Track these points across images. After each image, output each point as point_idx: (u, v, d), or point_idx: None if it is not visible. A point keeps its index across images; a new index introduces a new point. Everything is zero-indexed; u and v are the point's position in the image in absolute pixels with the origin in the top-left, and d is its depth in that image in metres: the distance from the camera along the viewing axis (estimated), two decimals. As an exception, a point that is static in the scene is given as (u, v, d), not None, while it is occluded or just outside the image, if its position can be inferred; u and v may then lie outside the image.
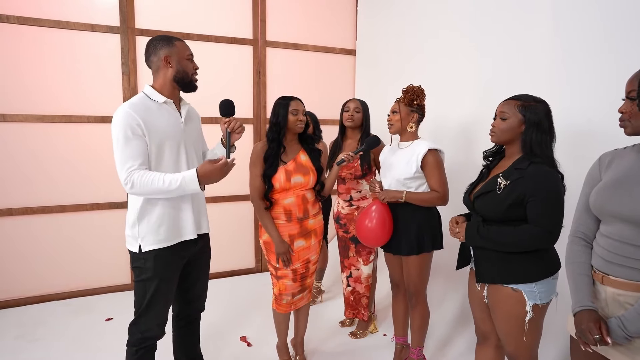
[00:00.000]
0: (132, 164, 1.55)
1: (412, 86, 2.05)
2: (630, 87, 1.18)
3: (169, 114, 1.68)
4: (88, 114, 3.12)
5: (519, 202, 1.45)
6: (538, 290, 1.47)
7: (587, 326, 1.18)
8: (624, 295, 1.18)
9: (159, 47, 1.66)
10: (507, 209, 1.46)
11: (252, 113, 3.66)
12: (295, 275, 2.15)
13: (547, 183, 1.42)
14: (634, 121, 1.16)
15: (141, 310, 1.68)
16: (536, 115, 1.47)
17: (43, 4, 2.92)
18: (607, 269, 1.21)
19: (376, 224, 2.03)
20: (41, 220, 3.07)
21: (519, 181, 1.45)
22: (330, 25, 3.89)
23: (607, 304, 1.22)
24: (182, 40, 1.72)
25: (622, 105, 1.20)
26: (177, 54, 1.66)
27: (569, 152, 1.98)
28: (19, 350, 2.48)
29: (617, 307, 1.20)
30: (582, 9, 1.99)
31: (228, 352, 2.48)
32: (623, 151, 1.27)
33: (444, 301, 2.78)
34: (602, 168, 1.28)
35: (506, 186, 1.47)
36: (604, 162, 1.29)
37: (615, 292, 1.20)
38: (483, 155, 1.71)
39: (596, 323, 1.17)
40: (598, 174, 1.29)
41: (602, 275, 1.23)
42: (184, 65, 1.68)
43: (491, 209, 1.52)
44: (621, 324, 1.14)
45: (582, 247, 1.31)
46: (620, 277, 1.18)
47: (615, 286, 1.20)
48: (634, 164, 1.19)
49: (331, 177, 2.22)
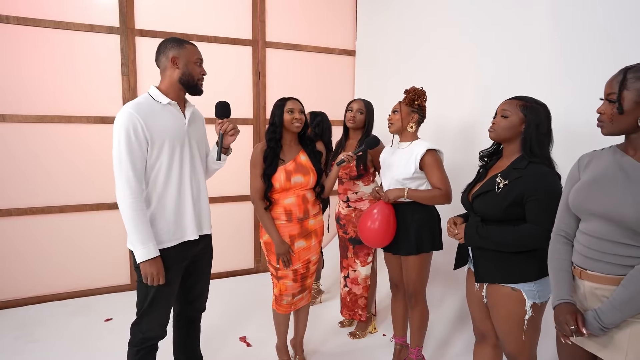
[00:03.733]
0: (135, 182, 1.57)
1: (414, 87, 2.07)
2: (610, 89, 1.20)
3: (172, 115, 1.68)
4: (88, 114, 3.12)
5: (518, 202, 1.46)
6: (537, 289, 1.50)
7: (564, 318, 1.23)
8: (601, 289, 1.22)
9: (168, 47, 1.66)
10: (506, 208, 1.48)
11: (251, 114, 3.66)
12: (296, 275, 2.15)
13: (546, 183, 1.45)
14: (614, 123, 1.20)
15: (143, 311, 1.69)
16: (537, 117, 1.50)
17: (43, 5, 2.93)
18: (585, 264, 1.26)
19: (379, 225, 2.03)
20: (41, 221, 3.07)
21: (518, 181, 1.47)
22: (329, 26, 3.90)
23: (585, 297, 1.26)
24: (194, 44, 1.72)
25: (601, 105, 1.24)
26: (185, 56, 1.67)
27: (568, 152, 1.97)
28: (18, 351, 2.48)
29: (594, 301, 1.24)
30: (582, 7, 2.00)
31: (228, 353, 2.48)
32: (601, 152, 1.31)
33: (443, 301, 2.79)
34: (580, 168, 1.33)
35: (505, 186, 1.49)
36: (583, 162, 1.33)
37: (593, 286, 1.24)
38: (479, 155, 1.73)
39: (573, 315, 1.22)
40: (577, 174, 1.33)
41: (580, 270, 1.28)
42: (190, 69, 1.68)
43: (490, 208, 1.53)
44: (597, 316, 1.18)
45: (562, 244, 1.35)
46: (597, 271, 1.22)
47: (592, 280, 1.24)
48: (609, 164, 1.24)
49: (331, 177, 2.21)
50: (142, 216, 1.58)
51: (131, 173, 1.56)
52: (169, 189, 1.67)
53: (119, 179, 1.57)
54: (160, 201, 1.66)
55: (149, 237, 1.59)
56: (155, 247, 1.60)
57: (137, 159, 1.57)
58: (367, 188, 2.52)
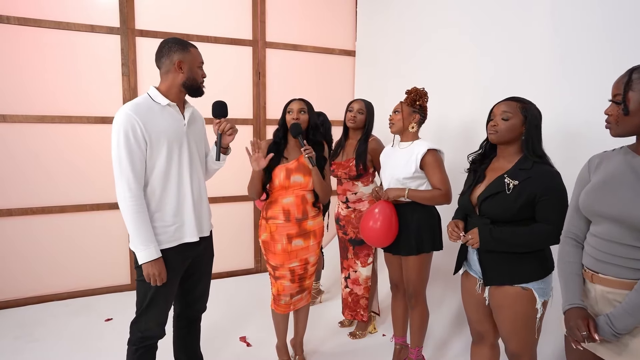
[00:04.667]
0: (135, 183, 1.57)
1: (415, 87, 2.08)
2: (616, 90, 1.19)
3: (171, 116, 1.68)
4: (88, 114, 3.13)
5: (530, 202, 1.48)
6: (544, 287, 1.53)
7: (575, 323, 1.21)
8: (613, 293, 1.20)
9: (173, 50, 1.65)
10: (519, 209, 1.49)
11: (251, 114, 3.67)
12: (293, 276, 2.15)
13: (554, 182, 1.48)
14: (620, 124, 1.18)
15: (142, 310, 1.69)
16: (535, 117, 1.53)
17: (43, 5, 2.93)
18: (596, 267, 1.24)
19: (380, 224, 2.03)
20: (41, 221, 3.08)
21: (528, 181, 1.48)
22: (329, 26, 3.90)
23: (596, 301, 1.24)
24: (196, 47, 1.72)
25: (608, 107, 1.22)
26: (190, 61, 1.66)
27: (567, 153, 1.99)
28: (18, 351, 2.48)
29: (606, 305, 1.22)
30: (581, 8, 2.00)
31: (228, 352, 2.49)
32: (611, 153, 1.29)
33: (443, 301, 2.79)
34: (591, 170, 1.31)
35: (515, 187, 1.49)
36: (593, 164, 1.32)
37: (604, 290, 1.22)
38: (468, 158, 1.73)
39: (584, 320, 1.19)
40: (587, 175, 1.32)
41: (591, 274, 1.25)
42: (194, 73, 1.68)
43: (503, 210, 1.52)
44: (609, 321, 1.16)
45: (573, 247, 1.33)
46: (609, 275, 1.20)
47: (604, 284, 1.22)
48: (619, 166, 1.22)
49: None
50: (143, 217, 1.58)
51: (131, 174, 1.56)
52: (168, 190, 1.67)
53: (119, 180, 1.57)
54: (160, 202, 1.66)
55: (151, 238, 1.59)
56: (157, 248, 1.60)
57: (137, 160, 1.57)
58: (366, 188, 2.52)
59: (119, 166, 1.56)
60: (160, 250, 1.63)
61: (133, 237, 1.59)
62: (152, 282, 1.61)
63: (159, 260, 1.61)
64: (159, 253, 1.61)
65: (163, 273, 1.62)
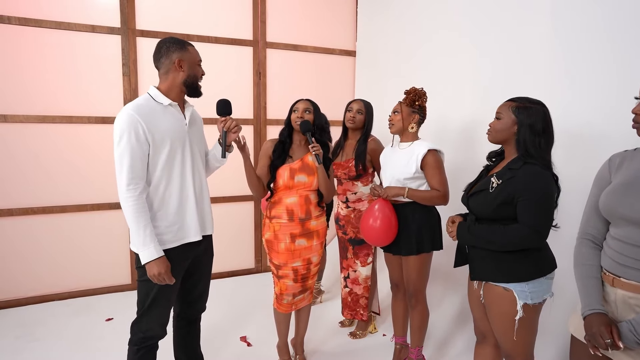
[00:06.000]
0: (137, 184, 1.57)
1: (414, 88, 2.08)
2: None
3: (173, 116, 1.69)
4: (89, 114, 3.13)
5: (509, 201, 1.46)
6: (529, 290, 1.47)
7: (598, 330, 1.15)
8: (635, 298, 1.16)
9: (172, 50, 1.65)
10: (497, 207, 1.48)
11: (252, 114, 3.67)
12: (296, 275, 2.15)
13: (537, 183, 1.43)
14: None
15: (143, 310, 1.69)
16: (529, 117, 1.47)
17: (44, 5, 2.93)
18: (618, 271, 1.19)
19: (380, 223, 2.04)
20: (41, 221, 3.08)
21: (510, 181, 1.46)
22: (330, 26, 3.91)
23: (616, 306, 1.21)
24: (193, 45, 1.73)
25: (636, 106, 1.17)
26: (189, 59, 1.67)
27: (567, 153, 1.99)
28: (19, 350, 2.48)
29: (627, 310, 1.18)
30: (580, 9, 2.00)
31: (228, 352, 2.49)
32: (633, 153, 1.25)
33: (444, 301, 2.79)
34: (612, 169, 1.26)
35: (498, 185, 1.49)
36: (614, 163, 1.27)
37: (626, 295, 1.18)
38: (487, 156, 1.72)
39: (607, 327, 1.15)
40: (608, 175, 1.27)
41: (612, 278, 1.21)
42: (195, 70, 1.70)
43: (482, 207, 1.54)
44: (633, 329, 1.12)
45: (591, 249, 1.29)
46: (632, 279, 1.16)
47: (626, 289, 1.18)
48: None
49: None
50: (144, 217, 1.58)
51: (133, 175, 1.56)
52: (171, 190, 1.68)
53: (121, 181, 1.57)
54: (163, 202, 1.66)
55: (152, 238, 1.59)
56: (158, 248, 1.60)
57: (139, 160, 1.57)
58: (366, 189, 2.52)
59: (120, 167, 1.56)
60: (163, 250, 1.63)
61: (134, 236, 1.59)
62: (157, 281, 1.61)
63: (163, 258, 1.60)
64: (161, 252, 1.61)
65: (167, 272, 1.61)
